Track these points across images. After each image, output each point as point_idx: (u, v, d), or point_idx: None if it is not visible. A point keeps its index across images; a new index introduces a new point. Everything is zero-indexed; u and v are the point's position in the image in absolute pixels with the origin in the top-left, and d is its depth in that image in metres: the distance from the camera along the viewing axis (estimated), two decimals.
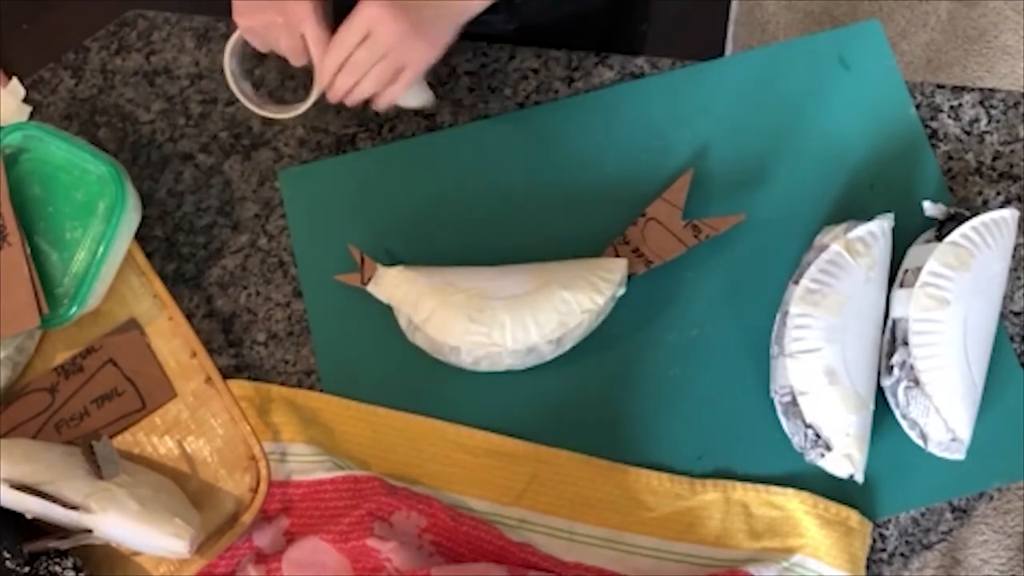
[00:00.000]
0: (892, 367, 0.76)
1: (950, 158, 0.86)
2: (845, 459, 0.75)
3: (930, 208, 0.82)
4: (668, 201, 0.82)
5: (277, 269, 0.85)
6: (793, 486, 0.78)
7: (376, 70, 0.72)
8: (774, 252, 0.83)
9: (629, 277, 0.80)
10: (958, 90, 0.88)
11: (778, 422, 0.78)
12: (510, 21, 0.89)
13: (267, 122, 0.89)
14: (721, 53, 1.01)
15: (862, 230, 0.77)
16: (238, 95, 0.82)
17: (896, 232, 0.79)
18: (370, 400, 0.81)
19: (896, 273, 0.79)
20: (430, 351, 0.79)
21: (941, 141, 0.87)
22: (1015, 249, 0.81)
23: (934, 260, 0.76)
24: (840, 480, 0.77)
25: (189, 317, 0.82)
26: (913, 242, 0.81)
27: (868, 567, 0.78)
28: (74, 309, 0.76)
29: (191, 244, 0.86)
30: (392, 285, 0.80)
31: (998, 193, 0.86)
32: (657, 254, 0.81)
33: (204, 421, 0.80)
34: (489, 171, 0.86)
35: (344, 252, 0.84)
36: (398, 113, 0.88)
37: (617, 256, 0.81)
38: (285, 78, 0.89)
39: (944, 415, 0.74)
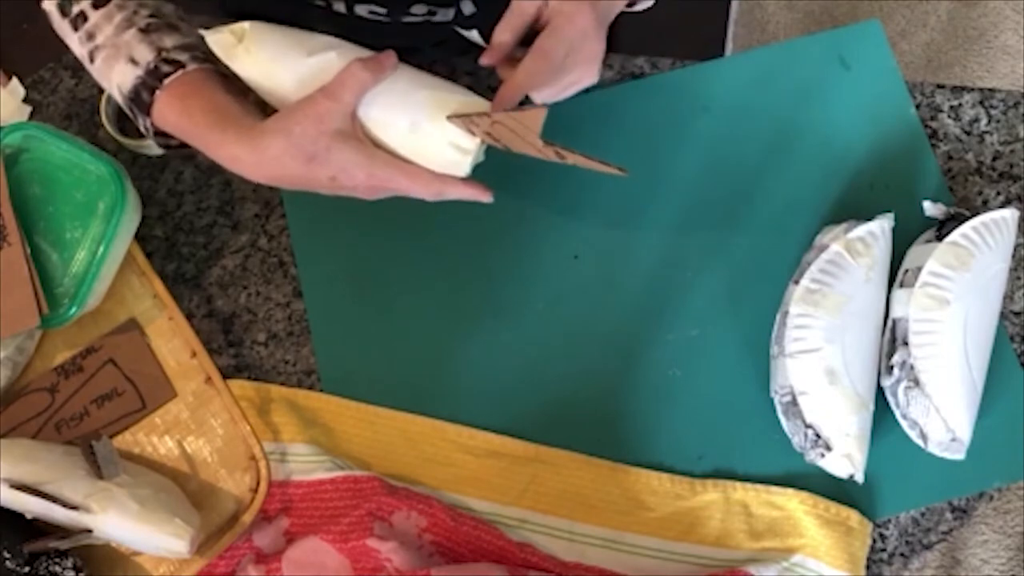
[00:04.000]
0: (892, 367, 0.76)
1: (950, 158, 0.86)
2: (845, 459, 0.75)
3: (930, 208, 0.82)
4: (519, 121, 0.67)
5: (277, 269, 0.85)
6: (793, 486, 0.78)
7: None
8: (774, 252, 0.83)
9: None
10: (958, 90, 0.88)
11: (778, 422, 0.78)
12: None
13: None
14: (721, 53, 1.02)
15: (862, 230, 0.77)
16: None
17: (896, 232, 0.79)
18: (370, 400, 0.81)
19: (896, 273, 0.79)
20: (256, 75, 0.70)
21: (941, 141, 0.87)
22: (1015, 249, 0.81)
23: (934, 260, 0.76)
24: (840, 480, 0.77)
25: (189, 317, 0.82)
26: (913, 242, 0.81)
27: (868, 567, 0.78)
28: (74, 309, 0.76)
29: (191, 244, 0.86)
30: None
31: (998, 193, 0.86)
32: (512, 144, 0.70)
33: (204, 421, 0.80)
34: (488, 170, 0.86)
35: (344, 252, 0.84)
36: None
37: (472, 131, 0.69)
38: None
39: (944, 415, 0.74)
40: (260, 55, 0.68)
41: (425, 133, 0.68)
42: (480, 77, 0.89)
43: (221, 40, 0.69)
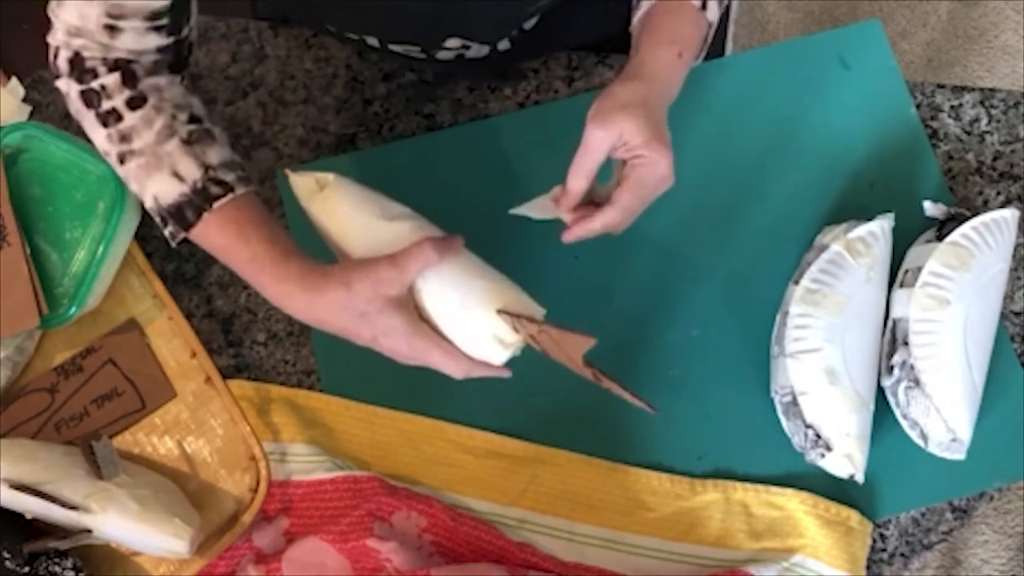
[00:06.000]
0: (892, 367, 0.76)
1: (950, 158, 0.86)
2: (845, 459, 0.75)
3: (930, 208, 0.82)
4: (564, 340, 0.68)
5: None
6: (793, 486, 0.78)
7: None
8: (774, 252, 0.83)
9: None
10: (958, 90, 0.88)
11: (778, 422, 0.78)
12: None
13: (266, 121, 0.89)
14: (721, 53, 1.01)
15: (862, 230, 0.77)
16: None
17: (896, 232, 0.79)
18: (370, 400, 0.81)
19: (896, 273, 0.79)
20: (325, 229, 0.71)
21: (941, 141, 0.87)
22: (1015, 249, 0.81)
23: (934, 260, 0.76)
24: (840, 480, 0.77)
25: (189, 317, 0.81)
26: (913, 242, 0.81)
27: (868, 567, 0.78)
28: (74, 309, 0.76)
29: (191, 244, 0.86)
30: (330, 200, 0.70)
31: (998, 193, 0.86)
32: (551, 353, 0.71)
33: (204, 421, 0.80)
34: (489, 171, 0.86)
35: None
36: (398, 113, 0.88)
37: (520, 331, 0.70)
38: (284, 78, 0.89)
39: (944, 415, 0.74)
40: (337, 208, 0.70)
41: (473, 318, 0.68)
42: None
43: (304, 184, 0.71)
